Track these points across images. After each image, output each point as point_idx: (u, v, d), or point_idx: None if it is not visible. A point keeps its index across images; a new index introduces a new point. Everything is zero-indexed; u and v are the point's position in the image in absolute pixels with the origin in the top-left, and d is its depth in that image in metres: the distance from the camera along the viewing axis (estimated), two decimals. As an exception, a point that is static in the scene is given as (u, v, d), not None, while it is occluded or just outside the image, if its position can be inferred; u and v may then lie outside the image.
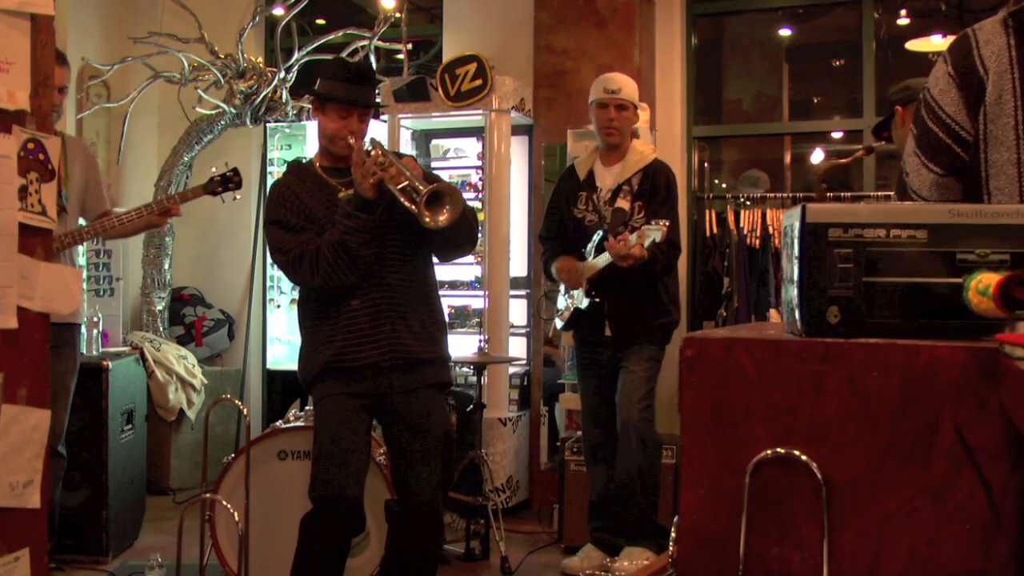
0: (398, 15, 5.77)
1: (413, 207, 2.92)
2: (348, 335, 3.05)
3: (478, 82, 5.24)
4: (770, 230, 5.36)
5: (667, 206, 4.11)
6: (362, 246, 2.97)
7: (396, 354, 3.07)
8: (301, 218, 3.09)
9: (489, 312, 5.27)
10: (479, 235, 3.32)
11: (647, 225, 3.83)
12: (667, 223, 3.85)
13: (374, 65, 5.42)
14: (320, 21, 6.65)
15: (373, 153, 2.99)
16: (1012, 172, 1.84)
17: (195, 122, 6.09)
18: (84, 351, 4.63)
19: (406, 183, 2.94)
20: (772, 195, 5.61)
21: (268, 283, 6.30)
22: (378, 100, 4.59)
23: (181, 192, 4.18)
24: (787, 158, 6.86)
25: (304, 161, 3.34)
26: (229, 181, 3.96)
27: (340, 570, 3.14)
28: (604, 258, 3.94)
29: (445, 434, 3.20)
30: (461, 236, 3.11)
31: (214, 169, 4.03)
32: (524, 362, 5.57)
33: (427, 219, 2.91)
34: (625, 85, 4.25)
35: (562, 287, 4.33)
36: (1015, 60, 1.86)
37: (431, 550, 3.23)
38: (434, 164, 5.66)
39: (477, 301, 5.49)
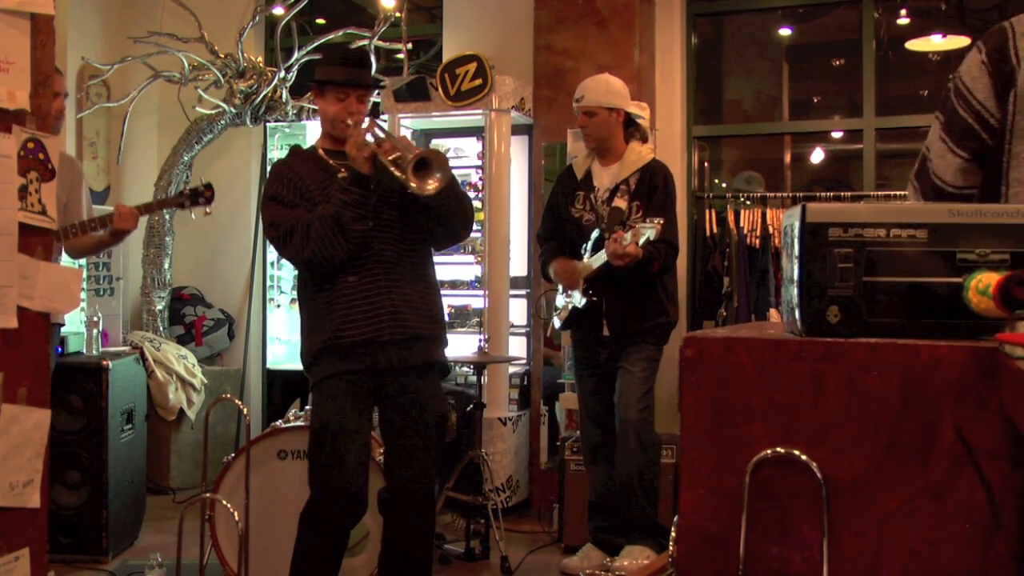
0: (398, 15, 5.78)
1: (402, 175, 2.96)
2: (347, 311, 3.07)
3: (478, 82, 5.24)
4: (770, 230, 5.36)
5: (664, 205, 4.11)
6: (355, 221, 3.00)
7: (395, 329, 3.09)
8: (297, 195, 3.13)
9: (489, 312, 5.27)
10: (474, 221, 3.34)
11: (642, 223, 3.85)
12: (661, 220, 3.88)
13: (373, 61, 5.44)
14: (320, 21, 6.65)
15: (367, 127, 3.06)
16: None
17: (195, 122, 6.10)
18: (84, 351, 4.64)
19: (397, 155, 2.99)
20: (772, 195, 5.61)
21: (268, 283, 6.30)
22: (377, 78, 4.87)
23: (147, 203, 4.11)
24: (787, 158, 6.85)
25: (306, 147, 3.40)
26: (200, 195, 3.91)
27: (339, 560, 3.17)
28: (600, 257, 3.94)
29: (440, 417, 3.23)
30: (453, 211, 3.12)
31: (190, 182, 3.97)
32: (524, 362, 5.57)
33: (414, 185, 2.94)
34: (588, 91, 4.20)
35: (559, 287, 4.33)
36: None
37: (427, 537, 3.25)
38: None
39: (477, 301, 5.49)
